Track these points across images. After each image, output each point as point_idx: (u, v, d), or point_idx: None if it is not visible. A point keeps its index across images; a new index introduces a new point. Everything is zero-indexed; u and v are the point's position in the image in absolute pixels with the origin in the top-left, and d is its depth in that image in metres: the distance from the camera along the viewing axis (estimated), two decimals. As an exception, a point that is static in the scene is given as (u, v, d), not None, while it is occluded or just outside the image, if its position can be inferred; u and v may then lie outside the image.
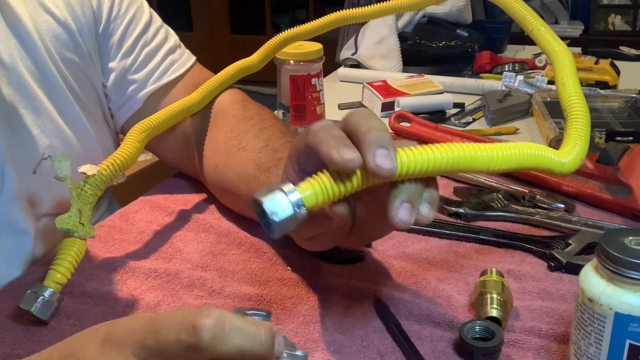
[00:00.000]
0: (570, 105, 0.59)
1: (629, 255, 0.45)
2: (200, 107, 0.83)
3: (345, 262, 0.68)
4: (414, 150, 0.47)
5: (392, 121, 1.03)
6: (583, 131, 0.57)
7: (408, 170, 0.46)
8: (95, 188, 0.64)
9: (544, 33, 0.64)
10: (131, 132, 0.73)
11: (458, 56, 1.44)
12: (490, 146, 0.50)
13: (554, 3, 2.49)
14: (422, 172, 0.47)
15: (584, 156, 0.57)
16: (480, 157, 0.48)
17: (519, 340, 0.56)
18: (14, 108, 0.71)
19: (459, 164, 0.48)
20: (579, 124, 0.58)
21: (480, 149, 0.49)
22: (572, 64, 0.62)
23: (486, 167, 0.49)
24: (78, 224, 0.61)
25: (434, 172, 0.47)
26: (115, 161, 0.67)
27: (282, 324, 0.60)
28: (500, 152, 0.50)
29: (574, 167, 0.55)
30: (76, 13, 0.76)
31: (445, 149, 0.47)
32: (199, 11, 4.37)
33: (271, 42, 0.85)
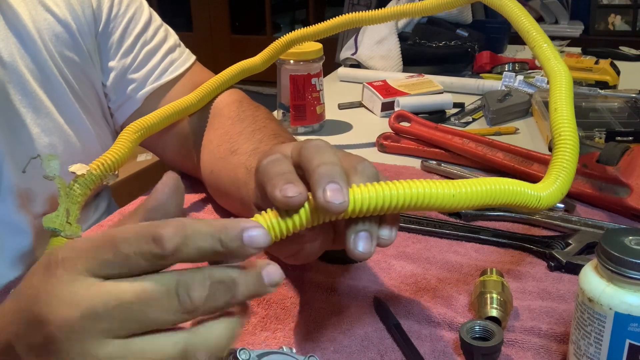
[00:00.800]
0: (558, 133, 0.56)
1: (629, 255, 0.45)
2: (198, 107, 0.82)
3: (345, 262, 0.68)
4: (369, 186, 0.44)
5: (392, 121, 1.03)
6: (568, 163, 0.55)
7: (362, 206, 0.43)
8: (85, 188, 0.64)
9: (545, 50, 0.63)
10: (124, 131, 0.72)
11: (458, 56, 1.44)
12: (456, 183, 0.46)
13: (554, 3, 2.50)
14: (377, 210, 0.43)
15: (566, 190, 0.54)
16: (443, 195, 0.45)
17: (519, 340, 0.56)
18: (13, 107, 0.71)
19: (420, 201, 0.44)
20: (565, 155, 0.55)
21: (445, 185, 0.45)
22: (569, 87, 0.60)
23: (449, 205, 0.45)
24: (65, 223, 0.61)
25: (392, 209, 0.44)
26: (106, 161, 0.66)
27: (282, 323, 0.60)
28: (465, 189, 0.46)
29: (553, 202, 0.52)
30: (76, 12, 0.76)
31: (405, 185, 0.44)
32: (199, 11, 4.37)
33: (276, 44, 0.85)
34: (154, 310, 0.36)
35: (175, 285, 0.36)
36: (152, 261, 0.36)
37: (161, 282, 0.36)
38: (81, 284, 0.36)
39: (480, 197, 0.47)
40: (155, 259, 0.36)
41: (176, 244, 0.36)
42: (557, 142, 0.56)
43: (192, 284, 0.36)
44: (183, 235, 0.36)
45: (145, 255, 0.36)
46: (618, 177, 0.78)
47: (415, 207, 0.44)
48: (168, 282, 0.36)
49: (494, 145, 0.91)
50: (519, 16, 0.67)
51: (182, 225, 0.36)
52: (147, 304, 0.36)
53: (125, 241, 0.36)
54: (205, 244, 0.36)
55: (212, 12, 4.34)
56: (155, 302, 0.36)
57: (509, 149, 0.90)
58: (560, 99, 0.59)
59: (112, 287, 0.36)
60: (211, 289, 0.36)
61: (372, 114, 1.21)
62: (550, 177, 0.54)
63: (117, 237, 0.36)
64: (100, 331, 0.35)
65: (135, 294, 0.36)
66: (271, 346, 0.56)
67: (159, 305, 0.36)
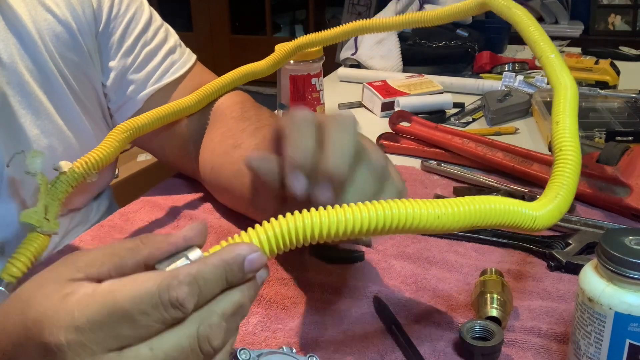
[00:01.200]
0: (559, 147, 0.53)
1: (629, 255, 0.45)
2: (195, 109, 0.82)
3: (345, 262, 0.68)
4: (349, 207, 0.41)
5: (392, 121, 1.03)
6: (568, 180, 0.51)
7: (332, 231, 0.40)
8: (67, 185, 0.64)
9: (552, 61, 0.60)
10: (113, 131, 0.72)
11: (458, 56, 1.44)
12: (441, 202, 0.43)
13: (554, 3, 2.50)
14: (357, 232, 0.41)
15: (566, 209, 0.50)
16: (427, 215, 0.42)
17: (519, 340, 0.56)
18: (13, 108, 0.71)
19: (402, 224, 0.41)
20: (565, 171, 0.52)
21: (429, 205, 0.42)
22: (574, 99, 0.57)
23: (434, 226, 0.42)
24: (43, 219, 0.61)
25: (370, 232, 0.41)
26: (90, 159, 0.66)
27: (281, 323, 0.60)
28: (452, 209, 0.43)
29: (550, 222, 0.49)
30: (76, 12, 0.76)
31: (386, 206, 0.41)
32: (199, 11, 4.37)
33: (283, 49, 0.84)
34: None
35: (197, 342, 0.36)
36: (171, 323, 0.36)
37: (181, 341, 0.36)
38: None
39: (469, 218, 0.44)
40: (175, 321, 0.36)
41: (195, 300, 0.36)
42: (557, 157, 0.53)
43: (212, 335, 0.36)
44: (198, 292, 0.36)
45: (166, 322, 0.36)
46: (618, 177, 0.78)
47: (397, 229, 0.42)
48: (189, 340, 0.36)
49: (494, 145, 0.91)
50: (527, 25, 0.67)
51: (194, 280, 0.36)
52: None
53: (142, 313, 0.35)
54: (216, 289, 0.37)
55: (212, 12, 4.34)
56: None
57: (508, 149, 0.90)
58: (563, 112, 0.56)
59: (136, 356, 0.35)
60: (227, 327, 0.37)
61: (372, 114, 1.21)
62: (548, 195, 0.51)
63: (132, 311, 0.35)
64: None
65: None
66: (271, 346, 0.56)
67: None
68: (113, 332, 0.35)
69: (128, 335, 0.35)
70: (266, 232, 0.40)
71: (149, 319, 0.35)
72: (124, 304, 0.35)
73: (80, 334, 0.35)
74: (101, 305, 0.35)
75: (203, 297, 0.36)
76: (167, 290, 0.35)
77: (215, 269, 0.36)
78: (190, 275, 0.36)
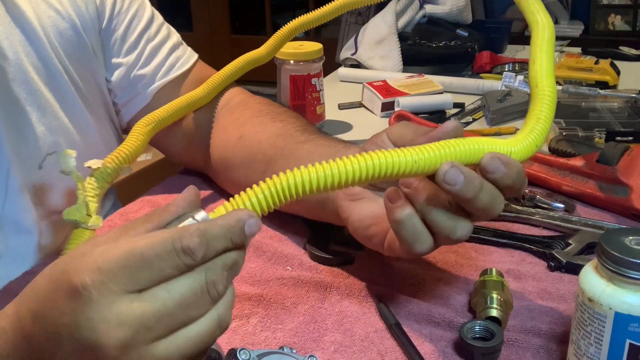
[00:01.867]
0: (535, 84, 0.55)
1: (629, 255, 0.45)
2: (206, 100, 0.83)
3: (345, 262, 0.68)
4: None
5: (392, 121, 1.03)
6: (544, 113, 0.53)
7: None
8: (102, 181, 0.65)
9: (531, 3, 0.60)
10: (137, 125, 0.74)
11: (458, 56, 1.44)
12: (417, 148, 0.46)
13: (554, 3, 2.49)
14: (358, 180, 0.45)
15: (542, 141, 0.52)
16: (405, 162, 0.45)
17: (519, 340, 0.56)
18: (19, 105, 0.71)
19: (386, 170, 0.45)
20: (542, 105, 0.53)
21: (406, 152, 0.46)
22: (551, 38, 0.58)
23: (413, 170, 0.46)
24: (85, 215, 0.62)
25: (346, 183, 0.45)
26: (120, 154, 0.68)
27: (282, 323, 0.60)
28: (428, 154, 0.46)
29: (527, 155, 0.51)
30: (80, 9, 0.77)
31: (360, 158, 0.44)
32: (199, 11, 4.37)
33: (279, 33, 0.85)
34: (193, 310, 0.40)
35: (205, 285, 0.40)
36: (184, 270, 0.40)
37: (194, 285, 0.40)
38: (123, 304, 0.39)
39: (444, 160, 0.47)
40: (186, 268, 0.40)
41: (204, 252, 0.40)
42: (533, 93, 0.55)
43: (216, 280, 0.41)
44: (207, 243, 0.40)
45: (179, 267, 0.40)
46: (618, 177, 0.78)
47: (379, 177, 0.45)
48: (199, 284, 0.40)
49: (494, 145, 0.91)
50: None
51: (203, 233, 0.40)
52: (187, 307, 0.40)
53: (158, 257, 0.39)
54: (221, 246, 0.41)
55: (212, 12, 4.34)
56: (193, 303, 0.40)
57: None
58: (540, 51, 0.57)
59: (154, 300, 0.39)
60: (227, 276, 0.42)
61: (372, 114, 1.21)
62: (524, 130, 0.53)
63: (149, 254, 0.39)
64: (151, 339, 0.39)
65: (177, 301, 0.40)
66: (271, 346, 0.56)
67: (195, 305, 0.40)
68: (132, 275, 0.39)
69: (145, 277, 0.39)
70: (257, 195, 0.43)
71: (163, 264, 0.39)
72: (142, 250, 0.39)
73: (102, 274, 0.38)
74: (122, 251, 0.39)
75: (210, 250, 0.40)
76: (180, 239, 0.39)
77: (221, 229, 0.41)
78: (199, 230, 0.40)
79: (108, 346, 0.38)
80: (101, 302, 0.38)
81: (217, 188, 0.85)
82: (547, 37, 0.58)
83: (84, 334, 0.39)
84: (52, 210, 0.75)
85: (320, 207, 0.67)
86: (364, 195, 0.61)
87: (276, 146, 0.73)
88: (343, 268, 0.68)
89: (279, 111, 0.80)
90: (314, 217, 0.72)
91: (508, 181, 0.49)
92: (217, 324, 0.42)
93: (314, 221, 0.73)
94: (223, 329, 0.42)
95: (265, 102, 0.84)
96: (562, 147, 0.91)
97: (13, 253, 0.71)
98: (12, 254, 0.71)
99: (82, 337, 0.39)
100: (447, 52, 1.43)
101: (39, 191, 0.73)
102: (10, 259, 0.70)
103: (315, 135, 0.73)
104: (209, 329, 0.41)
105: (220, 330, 0.42)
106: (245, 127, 0.79)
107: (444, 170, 0.47)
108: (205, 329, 0.41)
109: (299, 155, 0.70)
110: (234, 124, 0.81)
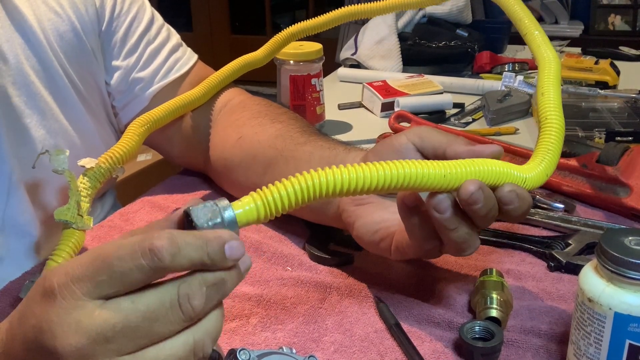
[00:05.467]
0: (545, 117, 0.58)
1: (629, 255, 0.45)
2: (203, 101, 0.83)
3: (345, 263, 0.68)
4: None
5: (392, 121, 1.03)
6: (553, 145, 0.56)
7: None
8: (94, 181, 0.65)
9: (536, 37, 0.64)
10: (131, 125, 0.74)
11: (458, 56, 1.44)
12: (446, 163, 0.48)
13: (554, 3, 2.49)
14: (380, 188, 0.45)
15: (551, 172, 0.55)
16: (435, 175, 0.47)
17: (519, 340, 0.56)
18: (20, 109, 0.71)
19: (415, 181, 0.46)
20: (551, 137, 0.57)
21: (436, 166, 0.47)
22: (557, 73, 0.61)
23: (440, 185, 0.48)
24: (76, 215, 0.62)
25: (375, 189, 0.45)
26: (114, 154, 0.68)
27: (282, 324, 0.60)
28: (456, 170, 0.48)
29: (538, 183, 0.54)
30: (80, 11, 0.77)
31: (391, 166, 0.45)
32: (199, 11, 4.37)
33: (278, 37, 0.85)
34: (160, 325, 0.38)
35: (177, 298, 0.38)
36: (149, 274, 0.37)
37: (163, 297, 0.38)
38: (83, 310, 0.37)
39: (469, 177, 0.49)
40: (152, 272, 0.37)
41: (172, 255, 0.37)
42: (542, 125, 0.58)
43: (191, 294, 0.38)
44: (177, 246, 0.37)
45: (143, 269, 0.37)
46: (618, 177, 0.78)
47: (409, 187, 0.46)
48: (170, 296, 0.38)
49: (494, 145, 0.91)
50: (512, 4, 0.68)
51: (174, 236, 0.38)
52: (153, 320, 0.37)
53: (120, 259, 0.37)
54: (195, 255, 0.38)
55: (212, 12, 4.34)
56: (161, 317, 0.38)
57: (508, 149, 0.90)
58: (547, 84, 0.60)
59: (116, 309, 0.37)
60: (207, 294, 0.39)
61: (372, 114, 1.21)
62: (535, 159, 0.55)
63: (110, 257, 0.37)
64: (111, 352, 0.37)
65: (141, 313, 0.37)
66: (271, 346, 0.56)
67: (164, 319, 0.38)
68: (94, 279, 0.37)
69: (107, 282, 0.37)
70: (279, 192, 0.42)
71: (124, 265, 0.37)
72: (105, 252, 0.37)
73: (67, 277, 0.37)
74: (87, 255, 0.38)
75: (181, 256, 0.37)
76: (146, 240, 0.37)
77: (195, 239, 0.38)
78: (169, 233, 0.38)
79: (62, 353, 0.37)
80: (63, 306, 0.37)
81: (217, 188, 0.85)
82: (553, 71, 0.61)
83: (45, 338, 0.37)
84: (52, 213, 0.75)
85: (322, 211, 0.67)
86: (370, 200, 0.61)
87: (275, 147, 0.73)
88: (343, 268, 0.68)
89: (278, 112, 0.80)
90: (314, 221, 0.72)
91: (517, 213, 0.52)
92: (191, 349, 0.39)
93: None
94: (199, 358, 0.39)
95: (264, 103, 0.84)
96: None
97: (15, 256, 0.71)
98: (14, 257, 0.71)
99: (43, 341, 0.38)
100: (447, 52, 1.43)
101: (40, 194, 0.73)
102: (11, 261, 0.70)
103: (314, 136, 0.72)
104: (181, 353, 0.38)
105: (195, 359, 0.39)
106: (244, 128, 0.79)
107: (471, 191, 0.49)
108: (177, 352, 0.38)
109: (299, 157, 0.70)
110: (233, 125, 0.81)
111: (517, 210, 0.52)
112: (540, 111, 0.59)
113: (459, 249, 0.54)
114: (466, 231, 0.52)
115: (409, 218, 0.54)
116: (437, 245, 0.55)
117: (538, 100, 0.60)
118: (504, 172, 0.51)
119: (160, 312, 0.37)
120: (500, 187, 0.51)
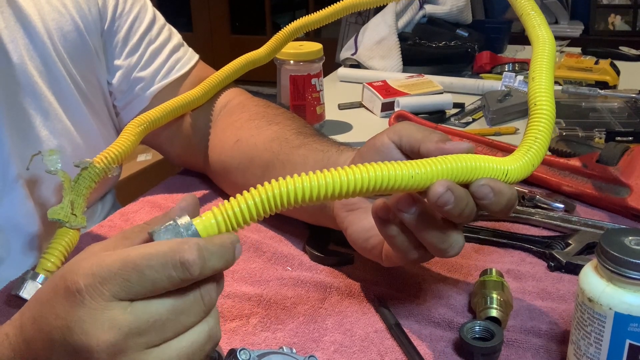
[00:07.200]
0: (534, 102, 0.54)
1: (629, 255, 0.45)
2: (203, 101, 0.83)
3: (345, 263, 0.68)
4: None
5: (392, 121, 1.03)
6: (542, 133, 0.52)
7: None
8: (89, 180, 0.65)
9: (532, 17, 0.60)
10: (128, 125, 0.73)
11: (458, 56, 1.44)
12: (415, 163, 0.46)
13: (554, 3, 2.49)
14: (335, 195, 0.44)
15: (539, 161, 0.52)
16: (402, 176, 0.45)
17: (519, 340, 0.56)
18: (23, 109, 0.71)
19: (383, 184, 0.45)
20: (540, 124, 0.53)
21: (403, 166, 0.45)
22: (552, 54, 0.57)
23: (409, 186, 0.46)
24: (70, 214, 0.62)
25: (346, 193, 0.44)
26: (109, 154, 0.68)
27: (282, 324, 0.60)
28: (425, 169, 0.46)
29: (523, 175, 0.51)
30: (83, 10, 0.77)
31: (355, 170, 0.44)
32: (199, 11, 4.37)
33: (280, 34, 0.85)
34: (185, 317, 0.41)
35: (200, 293, 0.41)
36: (176, 283, 0.40)
37: (186, 291, 0.41)
38: (115, 309, 0.39)
39: (441, 176, 0.47)
40: (180, 282, 0.40)
41: (200, 267, 0.40)
42: (531, 111, 0.54)
43: (210, 287, 0.41)
44: (204, 259, 0.40)
45: (172, 280, 0.39)
46: (618, 177, 0.78)
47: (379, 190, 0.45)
48: (193, 292, 0.41)
49: (494, 145, 0.91)
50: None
51: (201, 248, 0.40)
52: (179, 314, 0.40)
53: (151, 268, 0.39)
54: (218, 265, 0.41)
55: (212, 12, 4.34)
56: (186, 310, 0.41)
57: (509, 149, 0.90)
58: (540, 68, 0.56)
59: (146, 307, 0.40)
60: (220, 283, 0.42)
61: (372, 114, 1.21)
62: (521, 149, 0.52)
63: (142, 264, 0.39)
64: (142, 345, 0.40)
65: (170, 309, 0.40)
66: (271, 346, 0.56)
67: (189, 312, 0.41)
68: (123, 283, 0.39)
69: (136, 287, 0.39)
70: (240, 205, 0.42)
71: (155, 275, 0.39)
72: (135, 259, 0.39)
73: (94, 278, 0.39)
74: (114, 259, 0.39)
75: (207, 268, 0.40)
76: (178, 251, 0.39)
77: (218, 247, 0.41)
78: (198, 245, 0.40)
79: (98, 349, 0.39)
80: (93, 306, 0.39)
81: (217, 188, 0.85)
82: (547, 53, 0.57)
83: (75, 337, 0.39)
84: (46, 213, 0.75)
85: (321, 213, 0.67)
86: (361, 205, 0.61)
87: (272, 151, 0.73)
88: (343, 268, 0.68)
89: (275, 113, 0.80)
90: (314, 222, 0.72)
91: (495, 208, 0.50)
92: (207, 336, 0.42)
93: (314, 221, 0.73)
94: (213, 343, 0.43)
95: (263, 104, 0.83)
96: (562, 147, 0.91)
97: (17, 257, 0.71)
98: (17, 258, 0.71)
99: (73, 340, 0.39)
100: (447, 52, 1.43)
101: (42, 194, 0.73)
102: (11, 262, 0.70)
103: (310, 138, 0.72)
104: (200, 341, 0.42)
105: (210, 344, 0.42)
106: (241, 130, 0.79)
107: (438, 193, 0.47)
108: (196, 339, 0.41)
109: (294, 160, 0.70)
110: (232, 126, 0.81)
111: (495, 205, 0.49)
112: (529, 96, 0.55)
113: (440, 249, 0.52)
114: (442, 231, 0.51)
115: (386, 230, 0.53)
116: (422, 253, 0.54)
117: (529, 85, 0.56)
118: (478, 166, 0.48)
119: (185, 305, 0.40)
120: (474, 182, 0.49)
